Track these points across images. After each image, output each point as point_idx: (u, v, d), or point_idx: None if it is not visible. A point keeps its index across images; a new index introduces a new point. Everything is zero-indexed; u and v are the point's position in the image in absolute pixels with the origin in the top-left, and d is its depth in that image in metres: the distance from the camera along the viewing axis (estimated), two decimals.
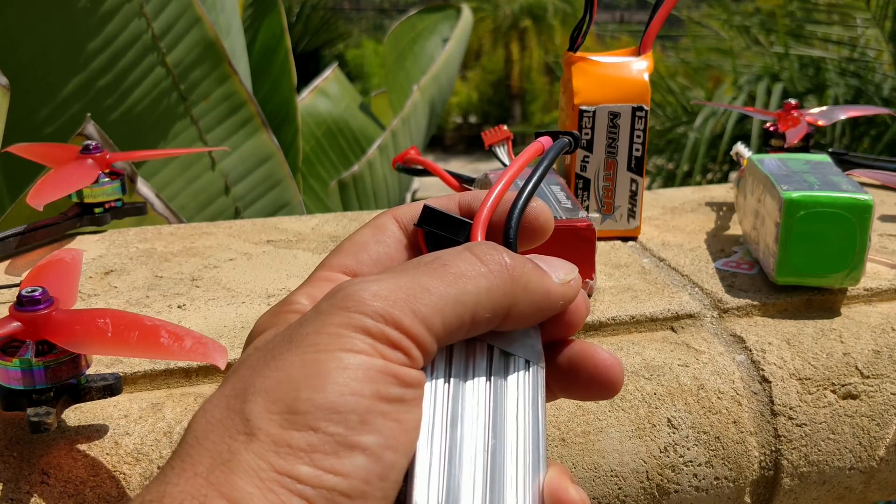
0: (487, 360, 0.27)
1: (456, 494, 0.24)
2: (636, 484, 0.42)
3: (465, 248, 0.26)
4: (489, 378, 0.26)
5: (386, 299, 0.24)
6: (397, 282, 0.25)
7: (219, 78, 1.20)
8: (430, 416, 0.25)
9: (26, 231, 0.55)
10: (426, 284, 0.25)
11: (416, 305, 0.24)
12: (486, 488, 0.24)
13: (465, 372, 0.26)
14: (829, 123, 0.71)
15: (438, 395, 0.25)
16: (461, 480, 0.24)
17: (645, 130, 0.58)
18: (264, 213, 1.33)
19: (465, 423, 0.25)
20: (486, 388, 0.26)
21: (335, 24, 5.88)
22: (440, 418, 0.25)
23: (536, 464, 0.26)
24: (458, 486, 0.24)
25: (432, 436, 0.24)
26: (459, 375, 0.26)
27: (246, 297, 0.51)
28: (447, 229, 0.29)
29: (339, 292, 0.25)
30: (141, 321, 0.35)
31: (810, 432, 0.45)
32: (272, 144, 1.29)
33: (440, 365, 0.26)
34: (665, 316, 0.49)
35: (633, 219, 0.60)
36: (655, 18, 0.58)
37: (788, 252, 0.49)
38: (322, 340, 0.23)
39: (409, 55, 2.37)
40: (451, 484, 0.24)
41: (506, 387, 0.26)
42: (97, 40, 1.11)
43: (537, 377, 0.27)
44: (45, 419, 0.33)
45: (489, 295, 0.25)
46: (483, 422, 0.25)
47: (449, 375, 0.26)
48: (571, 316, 0.28)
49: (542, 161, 0.31)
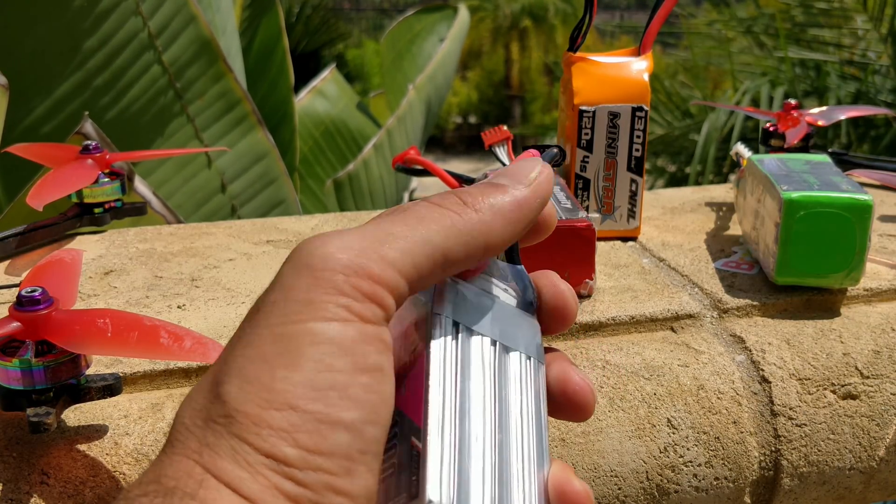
0: (491, 355, 0.27)
1: (466, 489, 0.24)
2: (636, 484, 0.42)
3: (422, 198, 0.27)
4: (493, 373, 0.26)
5: (352, 249, 0.24)
6: (361, 232, 0.24)
7: (214, 76, 1.21)
8: (439, 409, 0.24)
9: (26, 231, 0.55)
10: (390, 230, 0.25)
11: (384, 251, 0.24)
12: (495, 483, 0.24)
13: (470, 366, 0.26)
14: (829, 124, 0.71)
15: (447, 388, 0.25)
16: (471, 474, 0.24)
17: (645, 131, 0.58)
18: (260, 211, 1.33)
19: (473, 418, 0.25)
20: (491, 382, 0.26)
21: (335, 24, 5.87)
22: (449, 412, 0.25)
23: (540, 458, 0.26)
24: (468, 480, 0.24)
25: (443, 429, 0.24)
26: (466, 369, 0.26)
27: (246, 297, 0.51)
28: None
29: (302, 251, 0.24)
30: (141, 321, 0.35)
31: (810, 432, 0.45)
32: (267, 142, 1.29)
33: (448, 359, 0.26)
34: (665, 316, 0.49)
35: (633, 219, 0.60)
36: (655, 18, 0.58)
37: (788, 252, 0.49)
38: (291, 310, 0.23)
39: (406, 55, 2.37)
40: (462, 478, 0.24)
41: (508, 382, 0.27)
42: (93, 39, 1.11)
43: (538, 373, 0.28)
44: (45, 419, 0.33)
45: (457, 232, 0.25)
46: (490, 416, 0.25)
47: (456, 369, 0.26)
48: (561, 311, 0.29)
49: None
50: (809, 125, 0.69)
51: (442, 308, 0.26)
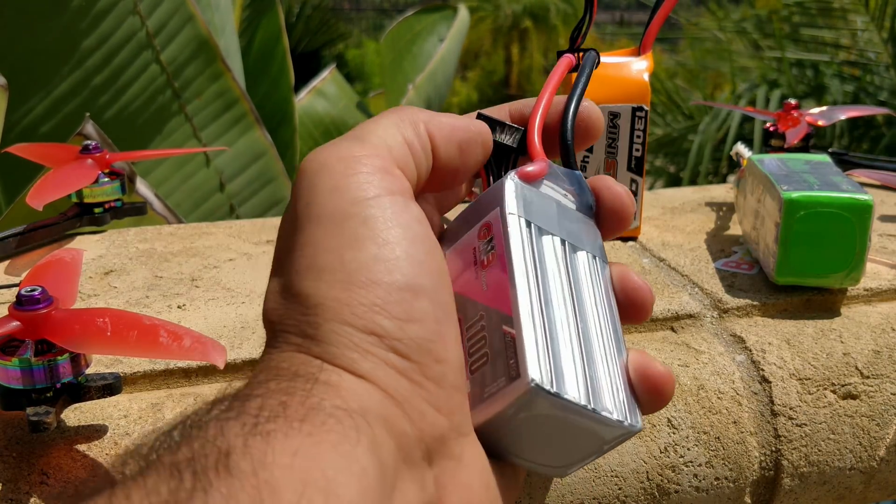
0: (563, 253, 0.28)
1: (560, 368, 0.25)
2: (636, 484, 0.42)
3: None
4: (566, 269, 0.28)
5: (344, 146, 0.26)
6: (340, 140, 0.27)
7: (212, 75, 1.21)
8: (527, 298, 0.26)
9: (26, 231, 0.55)
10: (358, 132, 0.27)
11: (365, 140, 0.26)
12: (585, 366, 0.26)
13: (547, 262, 0.27)
14: (829, 124, 0.71)
15: (531, 280, 0.26)
16: (562, 356, 0.25)
17: (645, 131, 0.58)
18: (258, 210, 1.33)
19: (557, 307, 0.26)
20: (566, 277, 0.28)
21: (335, 24, 5.87)
22: (536, 300, 0.26)
23: (619, 345, 0.28)
24: (560, 360, 0.25)
25: (533, 315, 0.25)
26: (542, 264, 0.27)
27: (246, 297, 0.51)
28: (500, 134, 0.31)
29: (306, 164, 0.26)
30: (140, 320, 0.35)
31: (810, 432, 0.45)
32: (265, 141, 1.29)
33: (527, 254, 0.27)
34: (665, 316, 0.49)
35: (633, 219, 0.60)
36: (655, 18, 0.58)
37: (788, 252, 0.49)
38: (326, 201, 0.25)
39: (406, 55, 2.37)
40: (555, 359, 0.25)
41: (580, 278, 0.28)
42: (92, 38, 1.11)
43: (605, 270, 0.29)
44: (45, 419, 0.33)
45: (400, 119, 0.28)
46: (571, 307, 0.27)
47: (535, 263, 0.27)
48: (619, 212, 0.30)
49: (580, 74, 0.33)
50: (809, 125, 0.69)
51: (515, 208, 0.28)
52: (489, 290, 0.26)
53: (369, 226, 0.24)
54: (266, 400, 0.21)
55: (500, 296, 0.26)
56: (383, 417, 0.22)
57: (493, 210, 0.28)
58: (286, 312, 0.24)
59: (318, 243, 0.24)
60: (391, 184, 0.25)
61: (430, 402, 0.23)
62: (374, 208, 0.24)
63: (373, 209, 0.24)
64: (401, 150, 0.27)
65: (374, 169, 0.25)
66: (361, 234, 0.24)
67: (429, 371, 0.23)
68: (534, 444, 0.26)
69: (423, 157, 0.28)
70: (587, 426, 0.25)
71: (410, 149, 0.27)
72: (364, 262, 0.24)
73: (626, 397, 0.26)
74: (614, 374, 0.26)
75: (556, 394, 0.24)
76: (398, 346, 0.23)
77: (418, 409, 0.23)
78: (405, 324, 0.23)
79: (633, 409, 0.26)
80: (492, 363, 0.25)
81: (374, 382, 0.22)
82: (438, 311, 0.24)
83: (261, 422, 0.20)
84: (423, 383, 0.23)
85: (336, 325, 0.23)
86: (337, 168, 0.25)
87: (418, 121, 0.28)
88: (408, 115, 0.28)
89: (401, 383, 0.23)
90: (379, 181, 0.25)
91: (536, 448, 0.26)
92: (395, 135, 0.27)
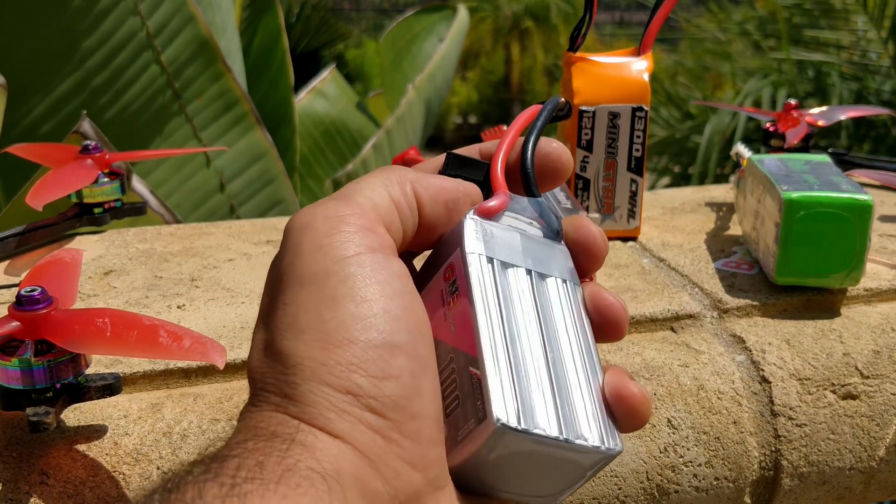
0: (529, 283, 0.28)
1: (530, 403, 0.25)
2: (636, 484, 0.42)
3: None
4: (534, 299, 0.28)
5: (330, 205, 0.27)
6: (328, 200, 0.28)
7: (213, 76, 1.21)
8: (489, 337, 0.26)
9: (26, 231, 0.55)
10: (346, 191, 0.28)
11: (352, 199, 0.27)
12: (556, 395, 0.26)
13: (511, 295, 0.28)
14: (829, 124, 0.71)
15: (493, 317, 0.26)
16: (531, 390, 0.25)
17: (645, 131, 0.58)
18: (258, 211, 1.33)
19: (523, 341, 0.26)
20: (533, 308, 0.28)
21: (335, 24, 5.86)
22: (500, 337, 0.26)
23: (594, 367, 0.27)
24: (529, 395, 0.25)
25: (496, 355, 0.26)
26: (508, 299, 0.27)
27: (245, 297, 0.51)
28: (470, 170, 0.31)
29: (293, 223, 0.27)
30: (140, 321, 0.35)
31: (810, 432, 0.45)
32: (266, 142, 1.29)
33: (489, 292, 0.27)
34: (665, 316, 0.49)
35: (633, 219, 0.60)
36: (655, 18, 0.58)
37: (788, 252, 0.49)
38: (307, 261, 0.26)
39: (406, 56, 2.37)
40: (523, 395, 0.25)
41: (550, 304, 0.28)
42: (92, 38, 1.11)
43: (576, 293, 0.29)
44: (45, 419, 0.33)
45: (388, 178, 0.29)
46: (538, 338, 0.27)
47: (499, 299, 0.27)
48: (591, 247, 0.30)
49: (541, 111, 0.33)
50: (809, 125, 0.69)
51: (474, 246, 0.28)
52: (456, 331, 0.27)
53: (349, 284, 0.25)
54: (243, 460, 0.22)
55: (465, 337, 0.26)
56: (356, 477, 0.23)
57: (454, 251, 0.29)
58: (268, 371, 0.25)
59: (299, 302, 0.25)
60: (372, 241, 0.26)
61: (404, 459, 0.24)
62: (354, 266, 0.25)
63: (352, 267, 0.25)
64: (387, 208, 0.28)
65: (356, 228, 0.26)
66: (340, 293, 0.25)
67: (404, 428, 0.24)
68: (516, 477, 0.26)
69: (410, 215, 0.29)
70: (565, 455, 0.25)
71: (397, 207, 0.28)
72: (342, 320, 0.24)
73: (603, 421, 0.26)
74: (589, 398, 0.27)
75: (524, 430, 0.24)
76: (373, 404, 0.24)
77: (392, 468, 0.23)
78: (381, 381, 0.24)
79: (611, 432, 0.26)
80: (462, 405, 0.26)
81: (349, 442, 0.23)
82: (415, 365, 0.25)
83: (238, 482, 0.21)
84: (398, 440, 0.24)
85: (314, 385, 0.24)
86: (321, 228, 0.26)
87: (405, 181, 0.29)
88: (396, 175, 0.29)
89: (376, 441, 0.23)
90: (360, 239, 0.26)
91: (520, 481, 0.26)
92: (383, 194, 0.28)
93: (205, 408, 0.40)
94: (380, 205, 0.28)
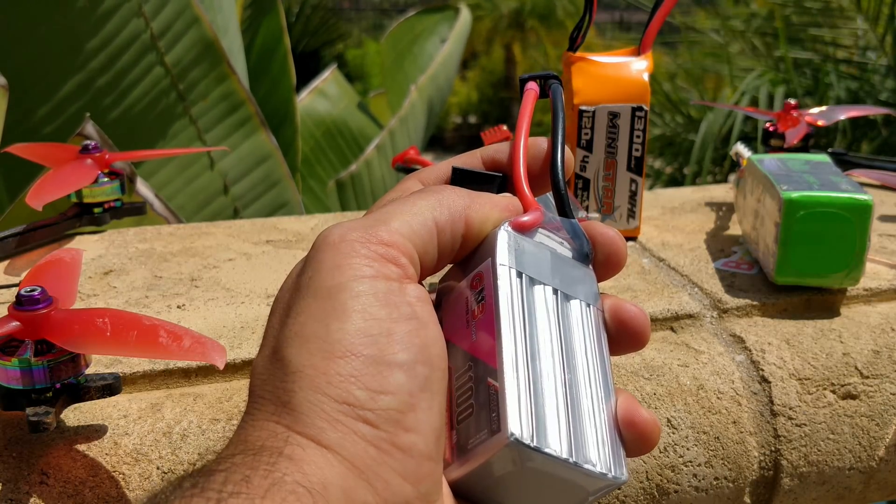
0: (554, 302, 0.29)
1: (543, 422, 0.25)
2: (636, 484, 0.42)
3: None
4: (557, 319, 0.28)
5: (362, 227, 0.27)
6: (366, 218, 0.28)
7: (217, 77, 1.20)
8: (512, 351, 0.26)
9: (26, 231, 0.55)
10: (388, 210, 0.28)
11: (388, 223, 0.28)
12: (568, 416, 0.26)
13: (535, 313, 0.28)
14: (829, 123, 0.71)
15: (517, 332, 0.27)
16: (546, 409, 0.26)
17: (644, 130, 0.58)
18: (263, 213, 1.33)
19: (543, 359, 0.27)
20: (556, 327, 0.28)
21: (335, 24, 5.86)
22: (521, 353, 0.26)
23: (607, 392, 0.28)
24: (544, 414, 0.25)
25: (517, 368, 0.26)
26: (532, 315, 0.28)
27: (245, 297, 0.51)
28: (480, 185, 0.31)
29: (320, 238, 0.28)
30: (140, 320, 0.35)
31: (810, 432, 0.45)
32: (270, 144, 1.29)
33: (516, 306, 0.27)
34: (665, 316, 0.49)
35: (633, 219, 0.60)
36: (655, 18, 0.58)
37: (788, 252, 0.49)
38: (326, 276, 0.26)
39: (408, 56, 2.37)
40: (538, 412, 0.25)
41: (571, 326, 0.28)
42: (96, 40, 1.11)
43: (597, 317, 0.30)
44: (45, 419, 0.33)
45: (439, 202, 0.29)
46: (558, 358, 0.27)
47: (524, 315, 0.27)
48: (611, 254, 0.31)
49: (555, 111, 0.33)
50: (809, 125, 0.69)
51: (506, 259, 0.28)
52: (477, 340, 0.27)
53: (360, 301, 0.25)
54: (230, 475, 0.22)
55: (486, 348, 0.27)
56: (343, 490, 0.23)
57: (485, 261, 0.29)
58: (268, 378, 0.25)
59: (309, 312, 0.26)
60: (390, 271, 0.27)
61: (396, 470, 0.24)
62: (368, 285, 0.26)
63: (365, 285, 0.26)
64: (425, 235, 0.28)
65: (378, 255, 0.27)
66: (350, 307, 0.25)
67: (398, 440, 0.24)
68: (519, 494, 0.26)
69: (450, 240, 0.29)
70: (570, 478, 0.26)
71: (439, 233, 0.28)
72: (348, 332, 0.25)
73: (611, 447, 0.27)
74: (600, 424, 0.27)
75: (536, 447, 0.25)
76: (368, 415, 0.24)
77: (383, 479, 0.24)
78: (377, 395, 0.24)
79: (618, 460, 0.27)
80: (476, 415, 0.26)
81: (339, 453, 0.23)
82: (413, 384, 0.25)
83: (223, 497, 0.21)
84: (390, 451, 0.24)
85: (310, 393, 0.24)
86: (343, 249, 0.27)
87: (458, 206, 0.29)
88: (449, 199, 0.29)
89: (368, 452, 0.24)
90: (379, 267, 0.26)
91: (522, 499, 0.26)
92: (426, 218, 0.28)
93: (205, 408, 0.40)
94: (417, 231, 0.28)
